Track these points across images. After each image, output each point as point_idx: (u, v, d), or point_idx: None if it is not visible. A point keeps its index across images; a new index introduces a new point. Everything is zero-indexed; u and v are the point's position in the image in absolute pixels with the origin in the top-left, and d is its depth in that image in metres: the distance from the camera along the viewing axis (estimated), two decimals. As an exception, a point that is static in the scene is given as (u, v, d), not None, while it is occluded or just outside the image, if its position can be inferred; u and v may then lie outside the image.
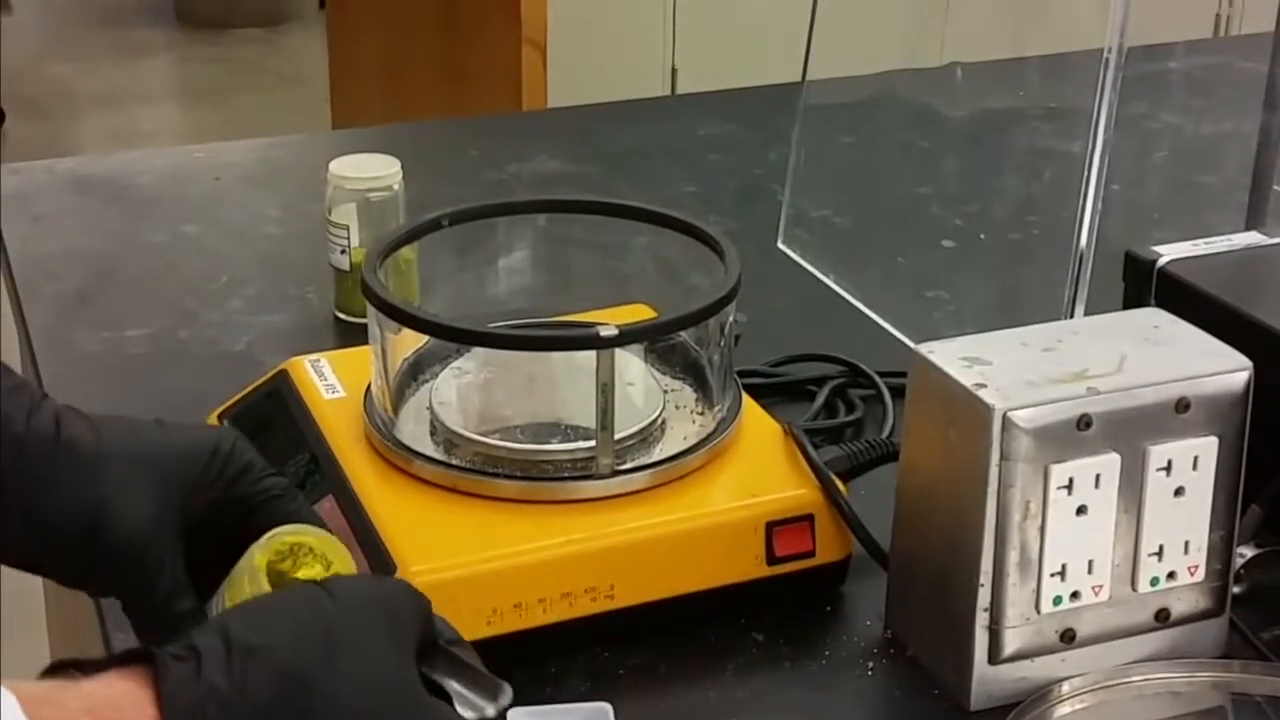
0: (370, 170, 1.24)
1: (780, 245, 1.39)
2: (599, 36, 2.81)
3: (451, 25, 2.81)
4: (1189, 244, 1.03)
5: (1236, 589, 0.89)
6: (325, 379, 1.00)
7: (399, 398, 0.97)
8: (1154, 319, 0.90)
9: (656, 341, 0.99)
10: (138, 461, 0.77)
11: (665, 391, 0.98)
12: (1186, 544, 0.85)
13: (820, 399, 1.12)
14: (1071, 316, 1.08)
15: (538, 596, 0.86)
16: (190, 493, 0.77)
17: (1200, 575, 0.87)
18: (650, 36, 2.85)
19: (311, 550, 0.76)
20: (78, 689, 0.61)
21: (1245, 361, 0.86)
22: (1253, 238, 1.06)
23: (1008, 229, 1.30)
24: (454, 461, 0.92)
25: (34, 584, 1.63)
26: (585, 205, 1.06)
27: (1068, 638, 0.85)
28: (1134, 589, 0.85)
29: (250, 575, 0.74)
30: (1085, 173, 1.07)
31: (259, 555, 0.75)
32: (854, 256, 1.33)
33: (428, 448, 0.93)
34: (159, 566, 0.75)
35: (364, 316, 0.97)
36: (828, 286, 1.32)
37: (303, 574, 0.75)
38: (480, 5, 2.71)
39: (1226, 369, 0.85)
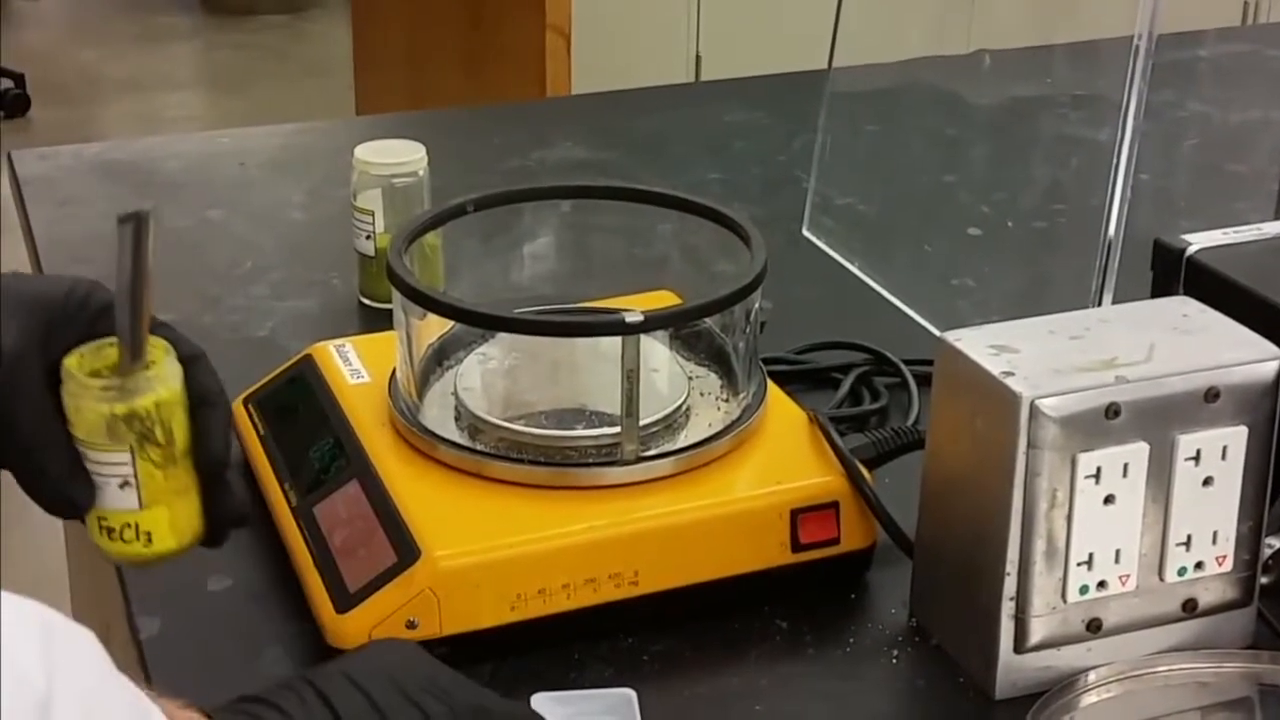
0: (395, 155, 1.24)
1: (805, 232, 1.39)
2: (623, 23, 2.81)
3: (476, 12, 2.80)
4: (1218, 232, 1.02)
5: (1264, 579, 0.89)
6: (350, 364, 1.00)
7: (424, 383, 0.97)
8: (1183, 308, 0.90)
9: (682, 328, 0.99)
10: None
11: (690, 378, 0.98)
12: (1215, 534, 0.85)
13: (845, 386, 1.12)
14: (1099, 305, 1.08)
15: (562, 582, 0.86)
16: (50, 332, 0.76)
17: (1228, 565, 0.86)
18: (674, 23, 2.85)
19: (113, 344, 0.75)
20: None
21: (1275, 350, 0.85)
22: (1282, 227, 1.05)
23: (1035, 217, 1.30)
24: (478, 447, 0.92)
25: (59, 566, 1.63)
26: (610, 191, 1.06)
27: (1094, 627, 0.85)
28: (1161, 579, 0.85)
29: (65, 378, 0.74)
30: (1114, 161, 1.06)
31: (67, 360, 0.75)
32: (879, 244, 1.33)
33: (452, 433, 0.93)
34: (39, 432, 0.74)
35: (388, 302, 0.97)
36: (853, 274, 1.32)
37: (100, 365, 0.75)
38: (504, -8, 2.71)
39: (1256, 358, 0.85)
